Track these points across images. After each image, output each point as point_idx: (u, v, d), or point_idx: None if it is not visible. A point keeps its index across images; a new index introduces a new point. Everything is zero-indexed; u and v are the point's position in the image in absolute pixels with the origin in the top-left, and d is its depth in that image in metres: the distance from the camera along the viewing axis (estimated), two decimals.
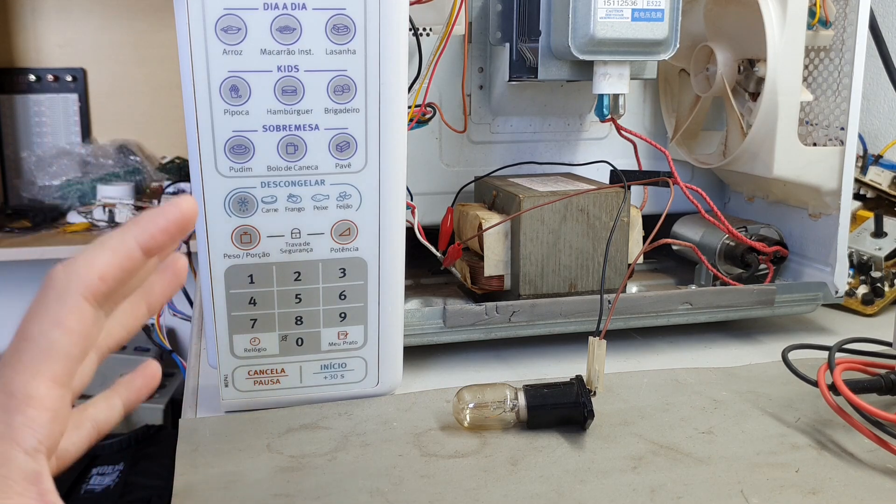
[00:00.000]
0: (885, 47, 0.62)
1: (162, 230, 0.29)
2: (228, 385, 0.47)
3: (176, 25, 0.41)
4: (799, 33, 0.58)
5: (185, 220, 0.29)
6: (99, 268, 0.27)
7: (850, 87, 0.59)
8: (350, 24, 0.42)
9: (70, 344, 0.26)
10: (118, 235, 0.28)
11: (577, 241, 0.57)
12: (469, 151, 0.67)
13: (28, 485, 0.25)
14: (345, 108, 0.43)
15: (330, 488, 0.39)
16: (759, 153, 0.61)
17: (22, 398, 0.25)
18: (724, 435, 0.45)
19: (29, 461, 0.25)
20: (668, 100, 0.71)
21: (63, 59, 1.58)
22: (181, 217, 0.29)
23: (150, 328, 1.35)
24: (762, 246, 0.62)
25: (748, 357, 0.57)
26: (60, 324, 0.26)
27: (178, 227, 0.29)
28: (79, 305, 0.27)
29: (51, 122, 1.58)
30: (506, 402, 0.45)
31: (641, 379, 0.53)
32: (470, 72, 0.65)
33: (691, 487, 0.39)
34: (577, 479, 0.40)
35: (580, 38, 0.53)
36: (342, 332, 0.47)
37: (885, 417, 0.41)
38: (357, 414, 0.47)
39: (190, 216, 0.29)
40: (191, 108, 0.42)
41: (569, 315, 0.56)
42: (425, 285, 0.67)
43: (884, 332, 0.54)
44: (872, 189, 0.76)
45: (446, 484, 0.40)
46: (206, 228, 0.44)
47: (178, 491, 0.39)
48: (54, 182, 1.46)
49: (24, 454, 0.25)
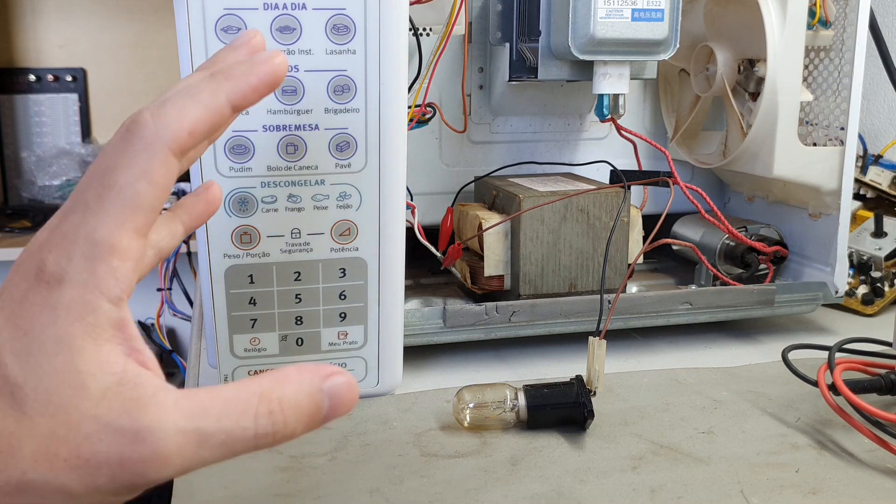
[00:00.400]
0: (885, 47, 0.62)
1: (254, 89, 0.27)
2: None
3: (176, 25, 0.41)
4: (799, 33, 0.58)
5: (278, 78, 0.28)
6: (190, 122, 0.26)
7: (850, 87, 0.59)
8: (350, 24, 0.42)
9: (155, 197, 0.26)
10: (210, 89, 0.27)
11: (577, 241, 0.57)
12: (469, 151, 0.67)
13: (115, 331, 0.25)
14: (345, 108, 0.43)
15: (330, 488, 0.39)
16: (759, 153, 0.61)
17: (106, 247, 0.25)
18: (724, 435, 0.45)
19: (114, 309, 0.25)
20: (668, 100, 0.71)
21: (63, 59, 1.58)
22: (274, 75, 0.28)
23: (151, 328, 1.35)
24: (762, 246, 0.62)
25: (748, 357, 0.57)
26: (149, 176, 0.26)
27: (268, 87, 0.28)
28: (167, 159, 0.26)
29: (51, 122, 1.58)
30: (506, 402, 0.45)
31: (641, 379, 0.53)
32: (470, 72, 0.65)
33: (691, 487, 0.39)
34: (577, 479, 0.40)
35: (580, 38, 0.53)
36: (342, 332, 0.47)
37: (885, 417, 0.41)
38: (357, 414, 0.47)
39: (282, 73, 0.28)
40: None
41: (569, 315, 0.56)
42: (425, 285, 0.67)
43: (884, 332, 0.54)
44: (872, 189, 0.76)
45: (446, 484, 0.40)
46: (206, 228, 0.44)
47: (178, 491, 0.39)
48: (54, 182, 1.46)
49: (109, 303, 0.25)
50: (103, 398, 0.24)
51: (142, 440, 0.23)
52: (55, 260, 0.25)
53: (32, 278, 0.25)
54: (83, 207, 0.25)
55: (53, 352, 0.24)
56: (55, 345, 0.24)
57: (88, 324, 0.24)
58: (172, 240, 0.33)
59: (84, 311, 0.24)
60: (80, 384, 0.23)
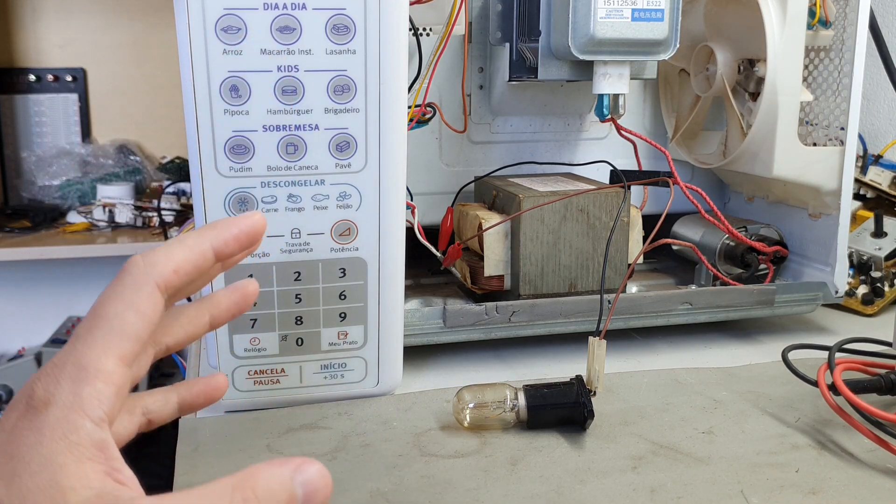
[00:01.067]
0: (885, 47, 0.62)
1: (235, 238, 0.31)
2: (228, 385, 0.47)
3: (176, 25, 0.41)
4: (799, 33, 0.58)
5: (256, 233, 0.32)
6: (175, 261, 0.30)
7: (850, 87, 0.59)
8: (350, 24, 0.42)
9: (141, 327, 0.28)
10: (195, 236, 0.31)
11: (577, 241, 0.57)
12: (469, 151, 0.67)
13: (97, 451, 0.26)
14: (345, 108, 0.43)
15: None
16: (759, 153, 0.61)
17: (92, 371, 0.27)
18: (724, 435, 0.45)
19: (96, 430, 0.26)
20: (668, 100, 0.71)
21: (63, 59, 1.58)
22: (253, 229, 0.32)
23: None
24: (762, 246, 0.62)
25: (748, 357, 0.57)
26: (135, 307, 0.28)
27: (248, 238, 0.31)
28: (153, 293, 0.29)
29: (51, 122, 1.58)
30: (506, 402, 0.45)
31: (641, 379, 0.53)
32: (470, 72, 0.65)
33: (691, 487, 0.39)
34: (577, 479, 0.40)
35: (580, 38, 0.53)
36: (342, 332, 0.47)
37: (885, 417, 0.41)
38: (357, 414, 0.47)
39: (260, 230, 0.32)
40: (191, 108, 0.42)
41: (569, 315, 0.56)
42: (425, 285, 0.67)
43: (884, 332, 0.54)
44: (872, 189, 0.76)
45: (446, 484, 0.40)
46: None
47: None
48: (54, 182, 1.46)
49: (92, 423, 0.26)
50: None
51: None
52: (44, 386, 0.27)
53: (23, 407, 0.26)
54: (74, 338, 0.28)
55: (37, 470, 0.25)
56: (39, 463, 0.25)
57: (71, 442, 0.26)
58: (165, 406, 0.35)
59: (67, 429, 0.26)
60: (61, 499, 0.25)
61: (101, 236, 1.35)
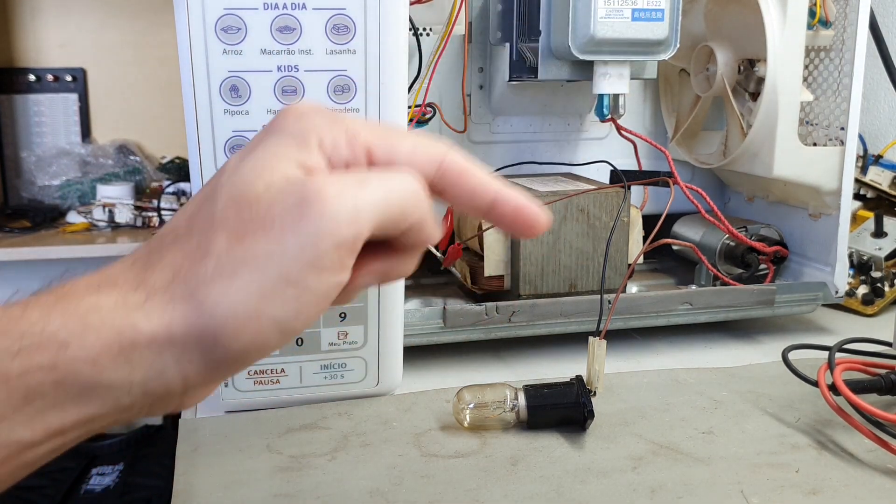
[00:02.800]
0: (885, 47, 0.62)
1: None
2: (228, 385, 0.47)
3: (176, 25, 0.41)
4: (799, 33, 0.58)
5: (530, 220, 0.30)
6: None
7: (850, 87, 0.59)
8: (350, 24, 0.42)
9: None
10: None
11: (577, 241, 0.57)
12: (469, 151, 0.66)
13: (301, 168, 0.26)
14: (345, 108, 0.43)
15: (330, 488, 0.39)
16: (759, 153, 0.61)
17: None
18: (724, 435, 0.45)
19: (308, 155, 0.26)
20: (668, 100, 0.71)
21: (63, 59, 1.58)
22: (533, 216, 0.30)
23: None
24: (762, 246, 0.62)
25: (748, 357, 0.57)
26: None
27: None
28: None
29: (51, 122, 1.58)
30: (506, 402, 0.45)
31: (641, 379, 0.53)
32: (470, 72, 0.65)
33: (691, 487, 0.39)
34: (577, 479, 0.40)
35: (580, 38, 0.52)
36: (342, 332, 0.47)
37: (885, 417, 0.41)
38: (357, 414, 0.47)
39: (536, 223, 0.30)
40: (191, 108, 0.42)
41: (569, 315, 0.56)
42: (425, 285, 0.67)
43: (884, 332, 0.54)
44: (872, 189, 0.76)
45: (446, 484, 0.40)
46: None
47: (178, 491, 0.39)
48: (54, 182, 1.46)
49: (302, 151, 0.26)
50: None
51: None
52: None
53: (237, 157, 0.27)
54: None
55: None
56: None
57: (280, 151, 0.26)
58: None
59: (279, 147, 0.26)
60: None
61: (101, 236, 1.35)
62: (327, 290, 0.25)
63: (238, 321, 0.24)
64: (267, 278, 0.24)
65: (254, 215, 0.24)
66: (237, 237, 0.24)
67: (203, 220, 0.25)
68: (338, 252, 0.24)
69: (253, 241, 0.24)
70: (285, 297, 0.24)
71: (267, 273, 0.24)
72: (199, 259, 0.24)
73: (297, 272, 0.24)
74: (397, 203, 0.26)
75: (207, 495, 0.39)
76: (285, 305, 0.24)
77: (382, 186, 0.25)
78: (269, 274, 0.24)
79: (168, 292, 0.24)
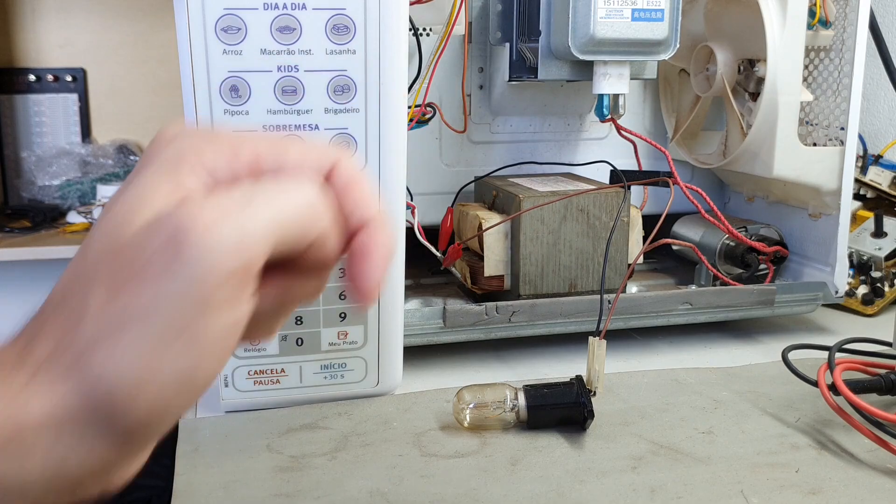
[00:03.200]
0: (885, 47, 0.62)
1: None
2: (228, 385, 0.47)
3: (176, 26, 0.41)
4: (799, 33, 0.58)
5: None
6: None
7: (850, 87, 0.59)
8: (350, 24, 0.42)
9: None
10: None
11: (577, 241, 0.57)
12: (469, 151, 0.67)
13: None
14: (345, 108, 0.43)
15: (330, 488, 0.39)
16: (759, 153, 0.61)
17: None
18: (724, 435, 0.45)
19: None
20: (668, 100, 0.71)
21: (63, 59, 1.58)
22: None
23: None
24: (762, 246, 0.62)
25: (748, 357, 0.57)
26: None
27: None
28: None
29: (51, 122, 1.58)
30: (506, 402, 0.45)
31: (641, 379, 0.53)
32: (470, 72, 0.65)
33: (691, 487, 0.39)
34: (577, 479, 0.40)
35: (580, 38, 0.53)
36: (342, 332, 0.47)
37: (885, 417, 0.41)
38: (357, 414, 0.47)
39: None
40: (191, 108, 0.42)
41: (569, 315, 0.56)
42: (425, 285, 0.67)
43: (884, 332, 0.54)
44: (872, 189, 0.76)
45: (446, 484, 0.40)
46: None
47: (178, 491, 0.39)
48: (54, 182, 1.46)
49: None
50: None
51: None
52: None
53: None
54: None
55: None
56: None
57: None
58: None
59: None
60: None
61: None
62: (224, 332, 0.22)
63: (131, 384, 0.21)
64: (152, 331, 0.21)
65: (126, 263, 0.22)
66: (113, 291, 0.22)
67: (78, 278, 0.23)
68: (227, 286, 0.22)
69: (130, 292, 0.22)
70: (178, 349, 0.21)
71: (151, 326, 0.21)
72: (76, 322, 0.22)
73: (183, 319, 0.21)
74: (293, 218, 0.23)
75: (207, 495, 0.39)
76: (181, 358, 0.22)
77: (274, 200, 0.23)
78: (153, 327, 0.21)
79: (52, 366, 0.22)
